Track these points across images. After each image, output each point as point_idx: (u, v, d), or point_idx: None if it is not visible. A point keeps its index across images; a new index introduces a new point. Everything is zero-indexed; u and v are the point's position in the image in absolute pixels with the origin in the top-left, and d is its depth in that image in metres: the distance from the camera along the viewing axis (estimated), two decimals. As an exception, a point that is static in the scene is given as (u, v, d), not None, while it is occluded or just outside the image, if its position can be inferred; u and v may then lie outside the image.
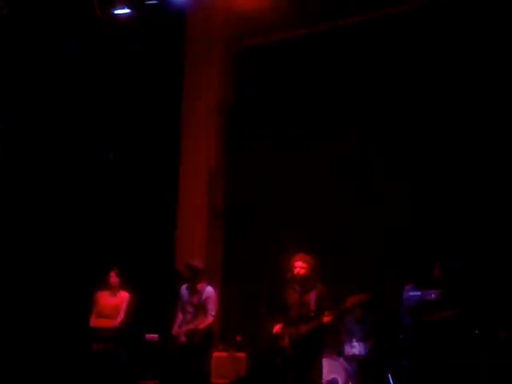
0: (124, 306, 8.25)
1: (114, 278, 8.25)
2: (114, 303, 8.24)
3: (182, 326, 7.58)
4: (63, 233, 9.73)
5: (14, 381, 8.22)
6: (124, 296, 8.30)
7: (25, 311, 8.92)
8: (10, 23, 9.01)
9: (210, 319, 7.55)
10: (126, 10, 9.59)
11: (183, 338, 7.49)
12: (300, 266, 6.80)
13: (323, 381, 7.53)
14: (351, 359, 8.31)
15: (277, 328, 6.84)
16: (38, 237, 9.48)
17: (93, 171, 10.19)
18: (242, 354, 8.88)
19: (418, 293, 7.93)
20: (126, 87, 10.49)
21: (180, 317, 7.69)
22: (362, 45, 9.76)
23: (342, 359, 8.27)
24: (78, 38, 9.85)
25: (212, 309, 7.59)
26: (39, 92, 9.81)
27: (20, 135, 9.51)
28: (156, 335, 8.48)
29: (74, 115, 10.08)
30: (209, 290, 7.67)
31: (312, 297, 6.74)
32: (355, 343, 8.37)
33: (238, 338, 9.11)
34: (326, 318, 6.60)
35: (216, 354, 8.75)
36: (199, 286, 7.65)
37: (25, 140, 9.60)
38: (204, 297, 7.61)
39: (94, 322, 8.24)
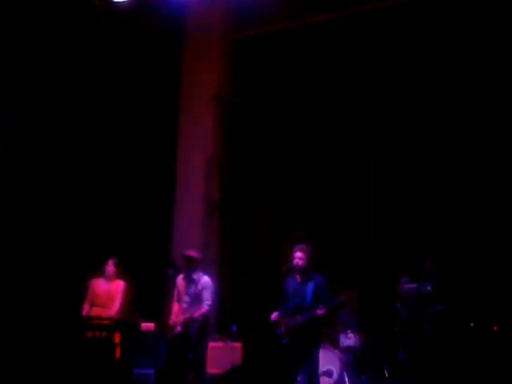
0: (119, 295, 8.29)
1: (111, 267, 8.28)
2: (108, 291, 8.28)
3: (178, 315, 7.61)
4: (62, 224, 9.71)
5: (7, 369, 8.18)
6: (119, 285, 8.33)
7: (20, 300, 8.88)
8: (9, 22, 8.96)
9: (204, 308, 7.56)
10: (124, -2, 9.55)
11: (179, 328, 7.51)
12: (298, 257, 6.85)
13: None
14: (346, 351, 8.35)
15: (274, 316, 6.92)
16: (38, 228, 9.46)
17: (91, 163, 10.15)
18: (237, 344, 8.91)
19: (414, 285, 7.98)
20: (124, 79, 10.44)
21: (176, 307, 7.72)
22: (359, 36, 9.79)
23: (337, 351, 8.30)
24: (77, 32, 9.79)
25: (207, 298, 7.60)
26: (38, 91, 9.75)
27: (20, 135, 9.46)
28: (152, 324, 8.47)
29: (72, 108, 10.02)
30: (205, 279, 7.68)
31: (309, 288, 6.80)
32: (351, 335, 8.41)
33: (234, 328, 9.13)
34: (319, 311, 6.66)
35: (212, 344, 8.75)
36: (195, 276, 7.66)
37: (24, 138, 9.55)
38: (200, 287, 7.63)
39: (90, 310, 8.27)
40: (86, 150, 10.27)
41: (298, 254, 6.85)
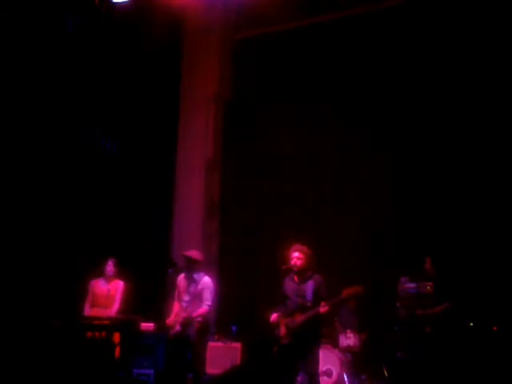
0: (119, 295, 8.33)
1: (110, 267, 8.31)
2: (108, 292, 8.29)
3: (178, 315, 7.61)
4: (61, 225, 9.71)
5: (7, 370, 8.18)
6: (118, 285, 8.36)
7: (21, 301, 8.90)
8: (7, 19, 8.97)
9: (204, 308, 7.56)
10: (125, -1, 9.55)
11: (178, 327, 7.52)
12: (297, 257, 6.83)
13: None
14: (346, 350, 8.37)
15: (273, 317, 6.91)
16: (37, 229, 9.47)
17: (90, 162, 10.15)
18: (237, 344, 8.91)
19: (413, 285, 7.97)
20: (124, 80, 10.43)
21: (177, 306, 7.72)
22: (359, 36, 9.78)
23: (336, 350, 8.32)
24: (76, 32, 9.79)
25: (208, 298, 7.60)
26: (37, 87, 9.75)
27: (18, 133, 9.47)
28: (151, 324, 8.48)
29: (71, 108, 10.02)
30: (206, 279, 7.68)
31: (309, 287, 6.78)
32: (350, 334, 8.41)
33: (234, 329, 9.13)
34: (322, 309, 6.62)
35: (211, 344, 8.77)
36: (196, 276, 7.67)
37: (23, 135, 9.56)
38: (200, 286, 7.63)
39: (90, 311, 8.30)
40: (86, 150, 10.27)
41: (296, 254, 6.84)
